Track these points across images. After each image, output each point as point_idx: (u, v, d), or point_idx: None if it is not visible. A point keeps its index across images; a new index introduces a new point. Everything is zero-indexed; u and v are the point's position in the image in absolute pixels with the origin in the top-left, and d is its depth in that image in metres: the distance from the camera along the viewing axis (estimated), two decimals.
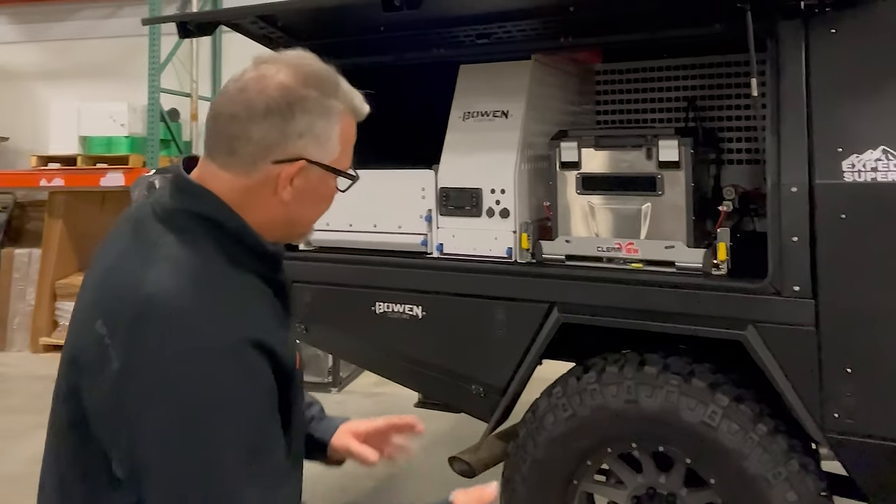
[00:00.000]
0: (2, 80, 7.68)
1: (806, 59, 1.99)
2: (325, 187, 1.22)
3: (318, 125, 1.16)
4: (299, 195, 1.18)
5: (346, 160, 1.24)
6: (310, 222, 1.27)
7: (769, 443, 1.92)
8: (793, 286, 1.90)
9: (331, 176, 1.22)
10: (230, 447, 1.01)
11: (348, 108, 1.22)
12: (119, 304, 1.06)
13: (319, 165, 1.18)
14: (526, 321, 2.26)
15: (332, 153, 1.20)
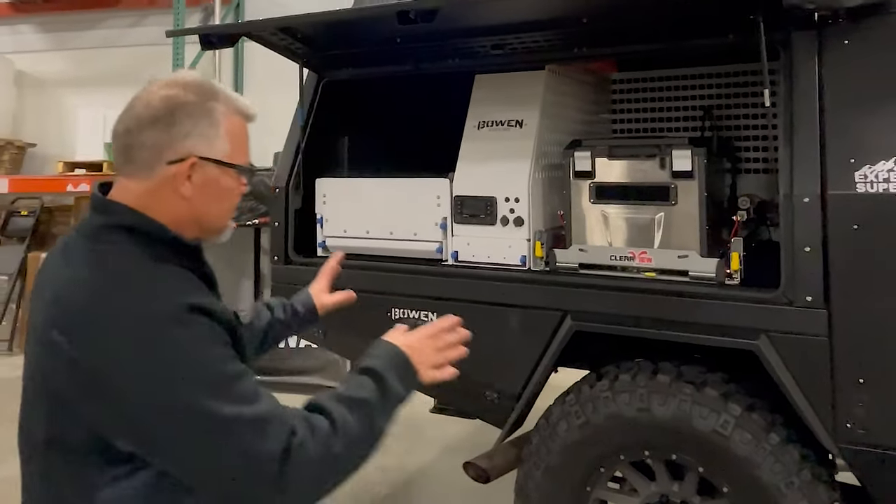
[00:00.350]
0: (30, 87, 7.85)
1: (819, 70, 2.00)
2: (224, 182, 1.34)
3: (202, 125, 1.30)
4: (200, 191, 1.32)
5: (239, 156, 1.36)
6: (219, 216, 1.38)
7: (782, 452, 1.93)
8: (805, 296, 1.91)
9: (227, 171, 1.34)
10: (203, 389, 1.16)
11: (231, 110, 1.35)
12: (69, 314, 1.20)
13: (210, 161, 1.31)
14: (539, 329, 2.28)
15: (223, 150, 1.33)
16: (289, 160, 2.85)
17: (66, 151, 7.20)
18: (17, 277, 6.59)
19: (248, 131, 1.39)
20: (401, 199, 2.66)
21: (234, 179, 1.36)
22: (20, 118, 7.70)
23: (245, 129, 1.39)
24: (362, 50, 2.69)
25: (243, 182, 1.38)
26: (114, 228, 1.27)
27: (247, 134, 1.39)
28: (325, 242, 2.82)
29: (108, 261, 1.24)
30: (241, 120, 1.37)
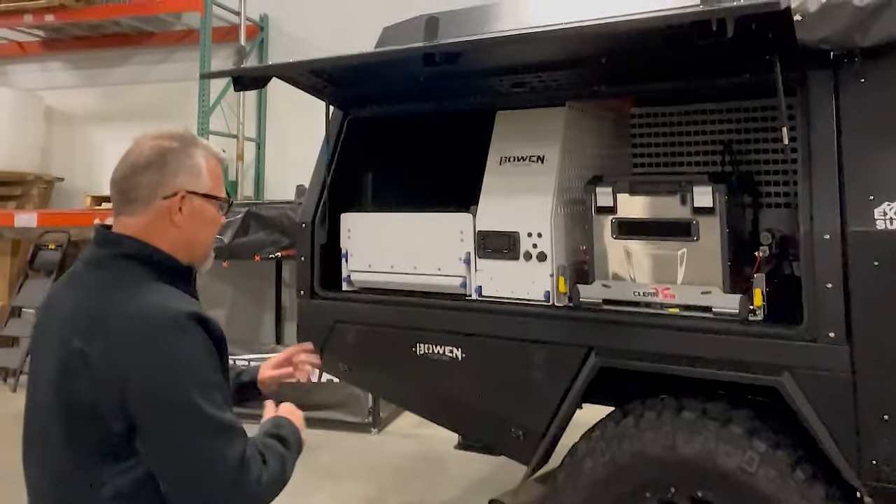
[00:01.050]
0: (59, 123, 8.05)
1: (836, 108, 2.03)
2: (208, 211, 1.61)
3: (187, 164, 1.56)
4: (189, 220, 1.56)
5: (218, 190, 1.62)
6: (204, 243, 1.63)
7: (807, 489, 1.92)
8: (828, 332, 1.92)
9: (209, 202, 1.60)
10: (194, 387, 1.39)
11: (208, 154, 1.62)
12: (86, 323, 1.43)
13: (197, 194, 1.57)
14: (564, 364, 2.30)
15: (206, 184, 1.59)
16: (315, 195, 2.91)
17: (93, 186, 7.36)
18: None
19: (220, 170, 1.65)
20: (424, 234, 2.71)
21: (215, 209, 1.62)
22: (49, 153, 7.89)
23: (220, 170, 1.65)
24: (388, 89, 2.76)
25: (222, 212, 1.64)
26: (119, 256, 1.51)
27: (221, 174, 1.66)
28: (350, 277, 2.86)
29: (117, 280, 1.48)
30: (216, 161, 1.63)
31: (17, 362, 6.50)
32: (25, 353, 6.54)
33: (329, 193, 2.89)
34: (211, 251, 1.67)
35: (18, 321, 6.80)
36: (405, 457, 1.37)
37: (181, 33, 7.46)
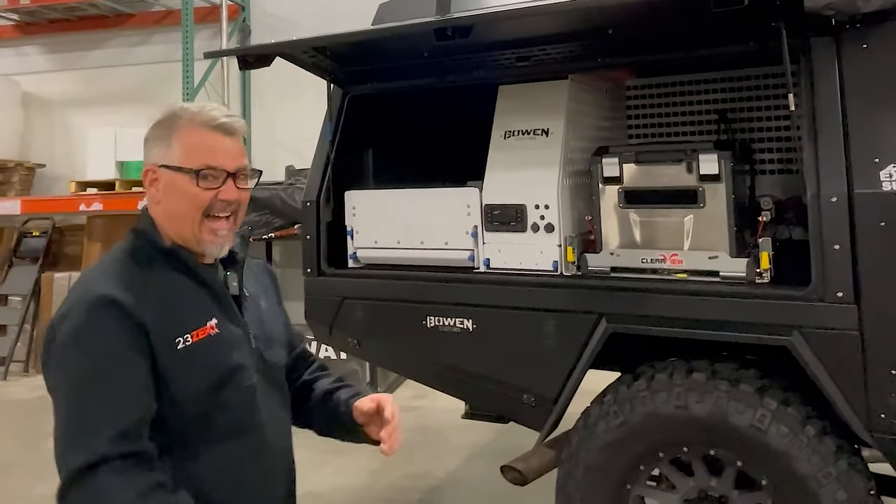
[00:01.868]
0: (37, 108, 7.91)
1: (840, 74, 2.07)
2: (179, 182, 1.48)
3: (160, 137, 1.51)
4: (164, 194, 1.50)
5: (190, 160, 1.48)
6: (183, 218, 1.50)
7: (818, 444, 1.99)
8: (836, 292, 1.98)
9: (178, 174, 1.48)
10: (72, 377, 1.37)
11: (191, 122, 1.50)
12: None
13: (166, 167, 1.49)
14: (575, 332, 2.35)
15: (175, 156, 1.49)
16: (318, 174, 2.92)
17: (75, 171, 7.26)
18: (32, 298, 6.64)
19: (214, 139, 1.50)
20: (431, 209, 2.73)
21: (187, 180, 1.48)
22: (28, 139, 7.76)
23: (206, 136, 1.50)
24: (390, 65, 2.76)
25: (198, 182, 1.48)
26: (131, 230, 1.56)
27: (210, 140, 1.50)
28: (356, 254, 2.88)
29: (100, 261, 1.53)
30: (202, 129, 1.50)
31: (5, 350, 6.45)
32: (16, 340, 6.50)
33: (332, 171, 2.90)
34: (202, 234, 1.51)
35: (5, 309, 6.74)
36: (405, 429, 1.39)
37: (160, 14, 7.36)
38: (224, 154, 1.50)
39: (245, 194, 1.56)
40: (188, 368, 1.44)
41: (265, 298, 1.70)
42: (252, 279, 1.68)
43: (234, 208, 1.54)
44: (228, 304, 1.55)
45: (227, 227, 1.53)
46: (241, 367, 1.52)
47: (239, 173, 1.52)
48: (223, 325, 1.51)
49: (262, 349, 1.59)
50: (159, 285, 1.47)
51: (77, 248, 6.88)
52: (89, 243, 6.58)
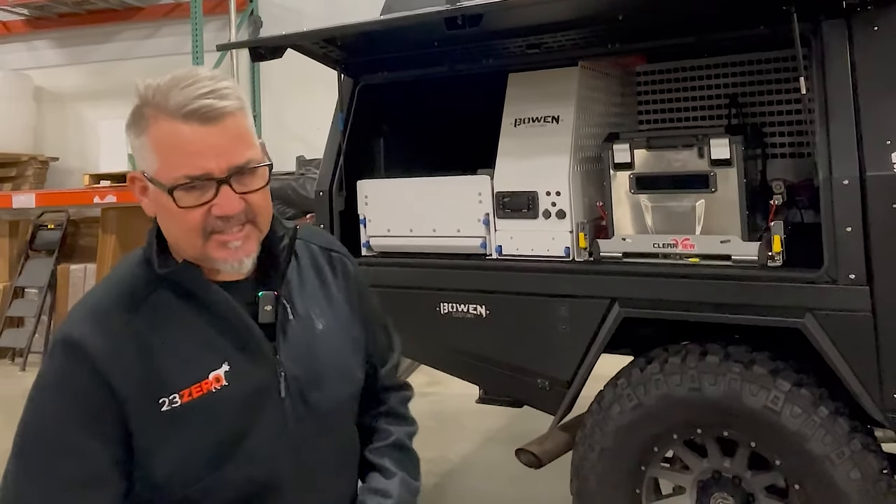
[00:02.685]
0: (48, 102, 7.97)
1: (851, 57, 2.07)
2: (163, 200, 1.13)
3: (133, 135, 1.14)
4: (156, 209, 1.17)
5: (166, 170, 1.10)
6: (179, 239, 1.17)
7: (831, 424, 2.01)
8: (848, 274, 1.99)
9: (159, 190, 1.12)
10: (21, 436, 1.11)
11: (156, 111, 1.09)
12: None
13: (146, 178, 1.14)
14: (588, 317, 2.37)
15: (152, 164, 1.12)
16: (330, 163, 2.94)
17: (87, 164, 7.33)
18: (48, 290, 6.72)
19: (188, 135, 1.09)
20: (443, 197, 2.75)
21: (167, 197, 1.11)
22: (41, 133, 7.83)
23: (177, 133, 1.09)
24: (400, 54, 2.78)
25: (176, 201, 1.11)
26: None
27: (182, 137, 1.09)
28: (368, 242, 2.91)
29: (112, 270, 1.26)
30: (172, 122, 1.09)
31: (23, 342, 6.54)
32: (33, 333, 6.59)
33: (344, 161, 2.92)
34: (201, 250, 1.15)
35: (22, 301, 6.83)
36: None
37: (169, 7, 7.39)
38: (207, 153, 1.09)
39: (255, 198, 1.15)
40: (175, 438, 1.11)
41: (327, 313, 1.31)
42: (308, 288, 1.30)
43: (244, 218, 1.15)
44: (252, 339, 1.18)
45: (242, 237, 1.15)
46: (256, 429, 1.16)
47: (233, 175, 1.11)
48: (238, 371, 1.16)
49: (305, 391, 1.22)
50: (151, 322, 1.14)
51: (92, 240, 6.95)
52: (104, 235, 6.64)
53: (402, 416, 1.48)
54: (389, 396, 1.47)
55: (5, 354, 6.74)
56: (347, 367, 1.33)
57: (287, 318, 1.23)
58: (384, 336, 1.49)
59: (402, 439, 1.43)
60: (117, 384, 1.08)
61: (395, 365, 1.50)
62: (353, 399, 1.35)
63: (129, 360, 1.09)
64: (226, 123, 1.10)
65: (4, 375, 6.33)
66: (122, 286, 1.18)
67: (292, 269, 1.28)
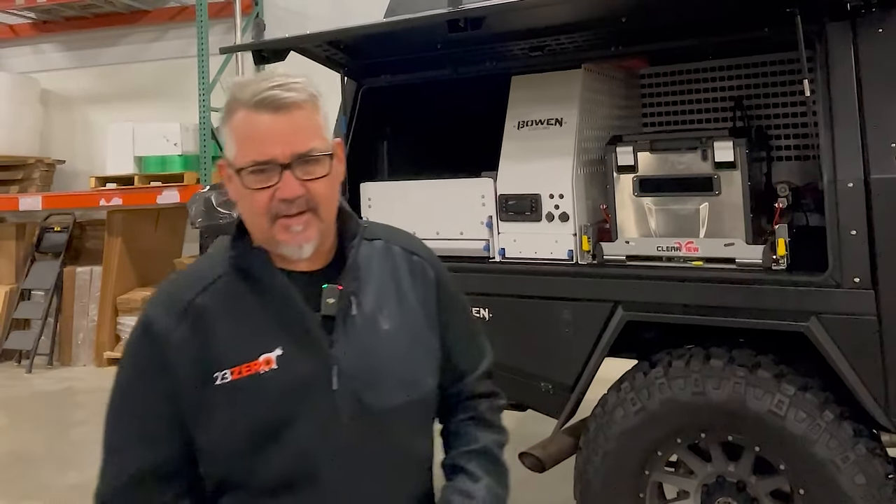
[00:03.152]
0: (55, 105, 8.01)
1: (855, 59, 2.06)
2: (237, 184, 1.22)
3: (221, 124, 1.26)
4: (235, 194, 1.25)
5: (239, 156, 1.20)
6: (251, 224, 1.25)
7: (836, 428, 2.00)
8: (853, 278, 1.98)
9: (236, 174, 1.22)
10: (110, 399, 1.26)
11: (235, 104, 1.20)
12: None
13: (228, 166, 1.24)
14: (591, 320, 2.36)
15: (231, 152, 1.22)
16: None
17: (94, 167, 7.36)
18: (54, 293, 6.74)
19: (256, 123, 1.18)
20: (446, 200, 2.75)
21: (242, 182, 1.20)
22: (47, 136, 7.87)
23: (249, 122, 1.19)
24: (403, 57, 2.78)
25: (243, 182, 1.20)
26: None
27: (252, 126, 1.19)
28: None
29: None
30: (247, 112, 1.19)
31: (30, 344, 6.57)
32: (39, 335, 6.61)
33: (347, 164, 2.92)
34: (268, 234, 1.22)
35: (28, 303, 6.86)
36: None
37: (175, 10, 7.42)
38: (272, 140, 1.17)
39: (318, 186, 1.20)
40: (222, 412, 1.18)
41: (396, 316, 1.30)
42: (380, 287, 1.31)
43: (306, 204, 1.19)
44: (308, 330, 1.21)
45: (303, 222, 1.19)
46: (303, 418, 1.19)
47: (296, 162, 1.18)
48: (290, 357, 1.20)
49: (359, 389, 1.22)
50: (217, 302, 1.22)
51: (98, 243, 6.97)
52: (110, 238, 6.66)
53: (492, 423, 1.45)
54: (479, 404, 1.45)
55: (12, 356, 6.76)
56: (410, 372, 1.30)
57: (350, 314, 1.25)
58: (473, 344, 1.47)
59: (489, 447, 1.41)
60: (174, 358, 1.19)
61: (486, 373, 1.48)
62: (413, 407, 1.30)
63: (188, 338, 1.19)
64: (292, 113, 1.18)
65: (11, 377, 6.35)
66: (200, 268, 1.31)
67: (366, 267, 1.30)
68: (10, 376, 6.40)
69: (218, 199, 5.45)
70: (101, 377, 6.22)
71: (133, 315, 6.46)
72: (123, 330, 6.49)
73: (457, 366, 1.40)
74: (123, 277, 6.62)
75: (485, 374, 1.47)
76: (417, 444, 1.32)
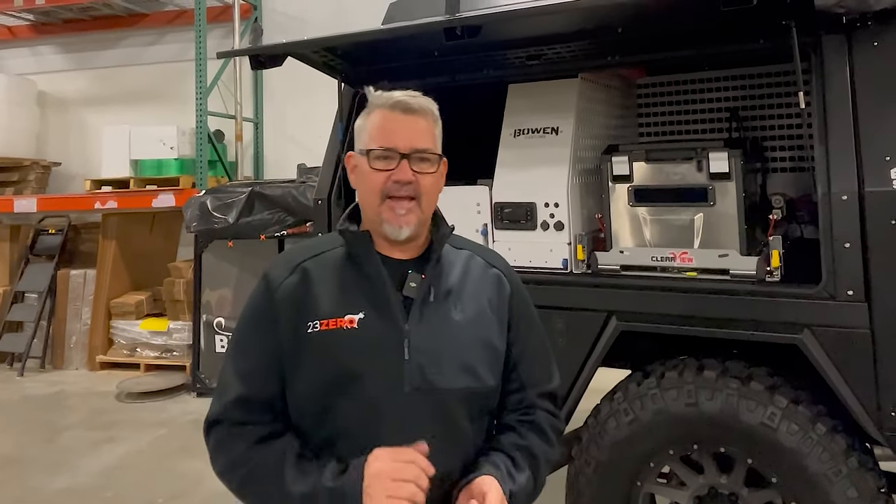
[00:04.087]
0: (52, 107, 8.00)
1: (850, 72, 2.07)
2: (361, 166, 1.47)
3: (359, 124, 1.51)
4: (357, 180, 1.50)
5: (369, 143, 1.46)
6: (366, 203, 1.48)
7: (828, 442, 1.99)
8: (847, 290, 1.98)
9: (362, 158, 1.47)
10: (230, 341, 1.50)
11: (376, 106, 1.48)
12: None
13: (356, 153, 1.50)
14: (585, 330, 2.35)
15: (363, 142, 1.48)
16: (329, 172, 2.94)
17: (89, 170, 7.35)
18: (48, 295, 6.71)
19: (389, 119, 1.45)
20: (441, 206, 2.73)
21: (365, 162, 1.45)
22: (43, 138, 7.86)
23: (384, 117, 1.45)
24: (401, 64, 2.77)
25: (370, 163, 1.43)
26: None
27: (386, 120, 1.45)
28: None
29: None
30: (383, 111, 1.46)
31: (22, 346, 6.54)
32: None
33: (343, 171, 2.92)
34: (381, 214, 1.43)
35: (22, 306, 6.83)
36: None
37: (173, 14, 7.43)
38: (399, 134, 1.43)
39: (426, 179, 1.44)
40: (310, 356, 1.39)
41: (468, 311, 1.46)
42: (458, 285, 1.48)
43: (413, 191, 1.42)
44: (390, 304, 1.40)
45: (407, 208, 1.42)
46: (373, 375, 1.36)
47: (413, 155, 1.43)
48: (371, 323, 1.39)
49: (425, 365, 1.37)
50: (321, 268, 1.45)
51: (92, 246, 6.95)
52: (104, 241, 6.64)
53: (546, 434, 1.53)
54: (538, 415, 1.54)
55: (4, 359, 6.74)
56: (472, 363, 1.43)
57: (427, 300, 1.43)
58: (540, 365, 1.57)
59: (537, 452, 1.50)
60: (280, 303, 1.41)
61: (550, 394, 1.57)
62: (472, 396, 1.43)
63: (293, 289, 1.42)
64: (417, 118, 1.46)
65: (2, 380, 6.32)
66: (314, 242, 1.55)
67: (448, 266, 1.50)
68: (1, 379, 6.36)
69: (214, 203, 5.45)
70: (94, 381, 6.20)
71: (127, 319, 6.45)
72: (117, 334, 6.47)
73: (521, 378, 1.53)
74: (117, 281, 6.60)
75: (548, 393, 1.57)
76: (471, 433, 1.45)
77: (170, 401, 5.63)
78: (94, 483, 4.07)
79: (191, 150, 6.59)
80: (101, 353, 6.48)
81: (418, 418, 1.36)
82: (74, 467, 4.32)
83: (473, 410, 1.44)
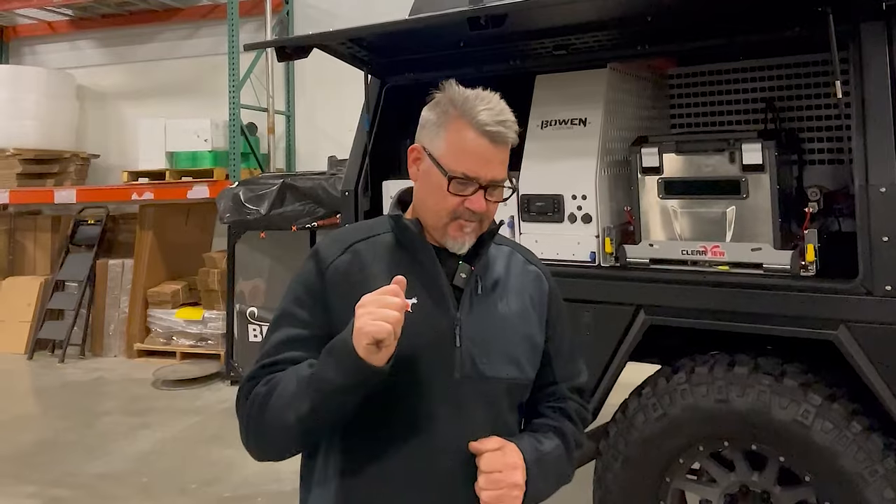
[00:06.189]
0: (90, 100, 8.15)
1: (890, 60, 2.00)
2: (434, 176, 1.42)
3: (432, 121, 1.43)
4: (422, 178, 1.45)
5: (453, 161, 1.40)
6: (430, 209, 1.44)
7: (864, 441, 1.94)
8: (884, 285, 1.92)
9: (435, 167, 1.41)
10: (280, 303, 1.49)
11: (462, 115, 1.40)
12: None
13: (427, 153, 1.44)
14: (613, 323, 2.32)
15: (439, 148, 1.42)
16: (356, 164, 2.94)
17: (127, 161, 7.48)
18: (87, 284, 6.86)
19: (478, 146, 1.38)
20: None
21: (442, 179, 1.40)
22: (83, 130, 8.02)
23: (472, 140, 1.38)
24: (427, 55, 2.76)
25: (448, 186, 1.39)
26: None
27: (474, 146, 1.38)
28: None
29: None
30: (471, 130, 1.39)
31: (63, 334, 6.70)
32: (75, 324, 6.72)
33: (370, 161, 2.92)
34: (443, 226, 1.42)
35: (62, 294, 6.99)
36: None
37: (207, 8, 7.50)
38: (484, 165, 1.39)
39: (493, 207, 1.44)
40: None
41: (513, 305, 1.50)
42: (503, 280, 1.51)
43: (480, 218, 1.42)
44: (441, 292, 1.42)
45: (472, 228, 1.43)
46: (422, 358, 1.38)
47: (491, 186, 1.41)
48: (423, 308, 1.39)
49: (474, 353, 1.41)
50: (373, 250, 1.46)
51: (130, 236, 7.08)
52: (141, 231, 6.76)
53: (575, 421, 1.58)
54: (569, 404, 1.58)
55: (45, 346, 6.91)
56: (516, 355, 1.47)
57: (476, 290, 1.46)
58: (571, 361, 1.61)
59: (567, 433, 1.53)
60: (330, 279, 1.43)
61: (579, 388, 1.61)
62: (516, 386, 1.48)
63: (344, 267, 1.44)
64: (502, 149, 1.42)
65: (44, 367, 6.49)
66: (365, 224, 1.56)
67: (494, 262, 1.53)
68: (42, 365, 6.54)
69: (246, 194, 5.51)
70: (131, 368, 6.34)
71: (163, 307, 6.57)
72: (153, 322, 6.59)
73: (553, 373, 1.56)
74: (154, 270, 6.72)
75: (577, 388, 1.61)
76: (510, 422, 1.49)
77: (204, 388, 5.74)
78: (129, 468, 4.16)
79: (224, 143, 6.66)
80: (139, 341, 6.62)
81: (467, 412, 1.40)
82: (111, 452, 4.41)
83: (514, 399, 1.49)
